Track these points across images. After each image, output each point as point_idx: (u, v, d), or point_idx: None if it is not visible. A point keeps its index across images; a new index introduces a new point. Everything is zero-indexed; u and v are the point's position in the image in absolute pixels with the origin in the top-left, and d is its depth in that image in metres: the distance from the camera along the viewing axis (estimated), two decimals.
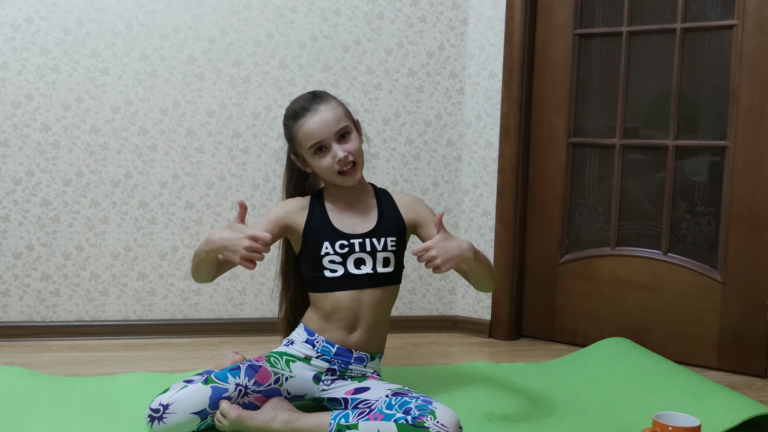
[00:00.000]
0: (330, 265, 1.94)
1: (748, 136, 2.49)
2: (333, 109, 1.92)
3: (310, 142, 1.91)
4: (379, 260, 1.95)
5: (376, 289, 1.95)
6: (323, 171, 1.94)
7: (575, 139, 2.79)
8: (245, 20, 2.73)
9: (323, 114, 1.90)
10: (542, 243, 2.86)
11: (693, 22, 2.58)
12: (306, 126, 1.91)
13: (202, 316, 2.80)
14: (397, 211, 2.01)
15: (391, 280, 1.98)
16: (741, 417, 1.87)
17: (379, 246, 1.95)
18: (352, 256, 1.94)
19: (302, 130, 1.92)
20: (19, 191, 2.64)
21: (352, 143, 1.93)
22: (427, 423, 1.66)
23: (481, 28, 2.86)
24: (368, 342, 1.97)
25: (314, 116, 1.90)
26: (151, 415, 1.74)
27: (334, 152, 1.90)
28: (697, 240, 2.62)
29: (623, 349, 2.46)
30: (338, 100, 1.98)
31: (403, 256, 2.02)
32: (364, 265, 1.94)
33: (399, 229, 1.99)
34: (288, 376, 1.91)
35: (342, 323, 1.94)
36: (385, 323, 2.02)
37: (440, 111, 2.90)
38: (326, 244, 1.93)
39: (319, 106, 1.91)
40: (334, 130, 1.90)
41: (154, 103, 2.70)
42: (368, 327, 1.95)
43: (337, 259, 1.94)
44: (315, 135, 1.90)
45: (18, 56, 2.59)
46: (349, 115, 1.98)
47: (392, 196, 2.05)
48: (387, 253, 1.96)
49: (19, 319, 2.68)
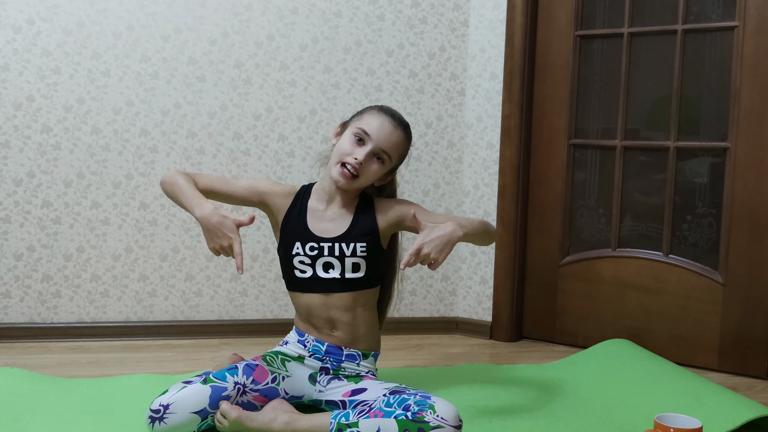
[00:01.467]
0: (300, 266, 1.96)
1: (749, 137, 2.49)
2: (400, 138, 1.97)
3: (362, 126, 1.94)
4: (347, 265, 1.94)
5: (345, 293, 1.95)
6: (337, 151, 1.95)
7: (576, 140, 2.79)
8: (246, 22, 2.73)
9: (393, 131, 1.95)
10: (543, 244, 2.86)
11: (694, 23, 2.58)
12: (377, 118, 1.95)
13: (203, 318, 2.80)
14: (373, 217, 1.99)
15: (361, 285, 1.97)
16: (742, 419, 1.86)
17: (348, 251, 1.94)
18: (321, 260, 1.95)
19: (371, 116, 1.96)
20: (20, 192, 2.64)
21: (375, 166, 1.94)
22: (427, 417, 1.66)
23: (482, 29, 2.86)
24: (353, 340, 1.97)
25: (388, 123, 1.95)
26: (152, 416, 1.74)
27: (360, 151, 1.92)
28: (698, 241, 2.62)
29: (624, 351, 2.46)
30: (410, 144, 2.02)
31: (377, 261, 1.99)
32: (332, 269, 1.95)
33: (371, 235, 1.97)
34: (285, 375, 1.93)
35: (320, 323, 1.96)
36: (367, 322, 2.00)
37: (441, 112, 2.90)
38: (297, 243, 1.95)
39: (398, 127, 1.97)
40: (380, 146, 1.93)
41: (155, 105, 2.70)
42: (347, 326, 1.96)
43: (307, 261, 1.95)
44: (370, 128, 1.93)
45: (19, 58, 2.59)
46: (400, 158, 2.00)
47: (374, 203, 2.03)
48: (356, 258, 1.95)
49: (20, 321, 2.68)
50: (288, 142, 2.80)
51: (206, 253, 2.77)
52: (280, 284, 2.83)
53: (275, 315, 2.85)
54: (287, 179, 2.79)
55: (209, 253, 2.76)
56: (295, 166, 2.81)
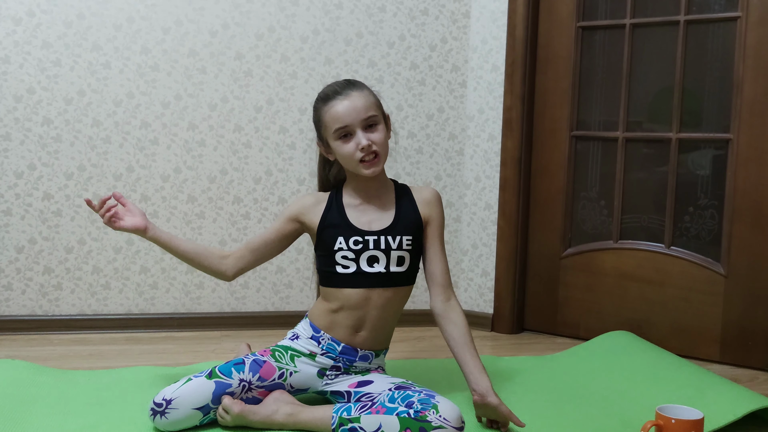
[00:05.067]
0: (342, 261, 1.90)
1: (751, 128, 2.48)
2: (364, 97, 1.88)
3: (336, 125, 1.87)
4: (393, 259, 1.90)
5: (386, 289, 1.91)
6: (345, 158, 1.89)
7: (578, 132, 2.78)
8: (247, 13, 2.72)
9: (353, 100, 1.86)
10: (545, 236, 2.85)
11: (696, 14, 2.57)
12: (334, 109, 1.87)
13: (205, 310, 2.80)
14: (415, 207, 1.96)
15: (403, 280, 1.94)
16: (744, 410, 1.86)
17: (394, 244, 1.90)
18: (366, 253, 1.90)
19: (330, 113, 1.88)
20: (21, 185, 2.63)
21: (378, 134, 1.88)
22: (430, 417, 1.65)
23: (484, 20, 2.85)
24: (373, 341, 1.94)
25: (344, 100, 1.86)
26: (154, 409, 1.74)
27: (358, 139, 1.86)
28: (700, 233, 2.61)
29: (626, 343, 2.46)
30: (372, 90, 1.93)
31: (419, 255, 1.97)
32: (377, 263, 1.90)
33: (416, 226, 1.94)
34: (292, 371, 1.90)
35: (348, 321, 1.91)
36: (392, 324, 1.98)
37: (442, 104, 2.89)
38: (340, 239, 1.90)
39: (351, 92, 1.87)
40: (362, 117, 1.86)
41: (155, 97, 2.69)
42: (374, 327, 1.92)
43: (350, 255, 1.90)
44: (342, 119, 1.86)
45: (19, 50, 2.59)
46: (380, 107, 1.93)
47: (412, 192, 2.00)
48: (402, 251, 1.91)
49: (22, 313, 2.68)
50: (289, 134, 2.79)
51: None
52: (281, 277, 2.83)
53: (276, 307, 2.85)
54: (288, 171, 2.79)
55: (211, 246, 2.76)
56: (296, 158, 2.80)
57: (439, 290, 1.95)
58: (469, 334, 1.91)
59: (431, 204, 1.98)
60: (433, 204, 1.98)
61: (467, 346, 1.89)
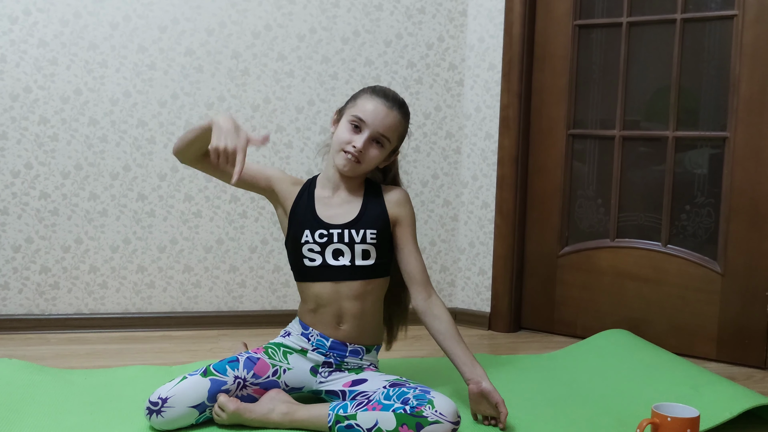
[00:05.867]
0: (309, 254, 1.93)
1: (748, 127, 2.48)
2: (397, 121, 1.94)
3: (358, 113, 1.91)
4: (357, 252, 1.92)
5: (355, 281, 1.93)
6: (336, 139, 1.94)
7: (575, 130, 2.79)
8: (243, 12, 2.72)
9: (388, 114, 1.92)
10: (542, 235, 2.85)
11: (693, 12, 2.57)
12: (371, 103, 1.92)
13: (202, 309, 2.80)
14: (382, 204, 1.98)
15: (372, 273, 1.95)
16: (740, 408, 1.86)
17: (358, 238, 1.92)
18: (330, 247, 1.92)
19: (365, 102, 1.93)
20: (17, 184, 2.63)
21: (374, 150, 1.92)
22: (426, 412, 1.66)
23: (481, 19, 2.84)
24: (359, 334, 1.95)
25: (382, 106, 1.92)
26: (150, 408, 1.74)
27: (358, 138, 1.90)
28: (697, 231, 2.61)
29: (623, 341, 2.46)
30: (408, 124, 2.00)
31: (388, 249, 1.98)
32: (342, 256, 1.92)
33: (382, 221, 1.96)
34: (286, 368, 1.91)
35: (327, 317, 1.93)
36: (375, 315, 1.99)
37: (439, 103, 2.89)
38: (306, 232, 1.93)
39: (393, 108, 1.93)
40: (378, 129, 1.91)
41: (152, 96, 2.69)
42: (355, 319, 1.93)
43: (316, 248, 1.92)
44: (366, 113, 1.91)
45: (16, 48, 2.58)
46: (400, 139, 1.98)
47: (382, 190, 2.02)
48: (366, 245, 1.93)
49: (19, 312, 2.68)
50: (286, 132, 2.79)
51: (204, 245, 2.77)
52: (279, 275, 2.83)
53: (273, 306, 2.85)
54: (286, 170, 2.78)
55: (207, 245, 2.76)
56: (293, 157, 2.80)
57: (419, 288, 1.97)
58: (454, 327, 1.94)
59: (400, 204, 2.00)
60: (402, 204, 2.00)
61: (455, 338, 1.91)
